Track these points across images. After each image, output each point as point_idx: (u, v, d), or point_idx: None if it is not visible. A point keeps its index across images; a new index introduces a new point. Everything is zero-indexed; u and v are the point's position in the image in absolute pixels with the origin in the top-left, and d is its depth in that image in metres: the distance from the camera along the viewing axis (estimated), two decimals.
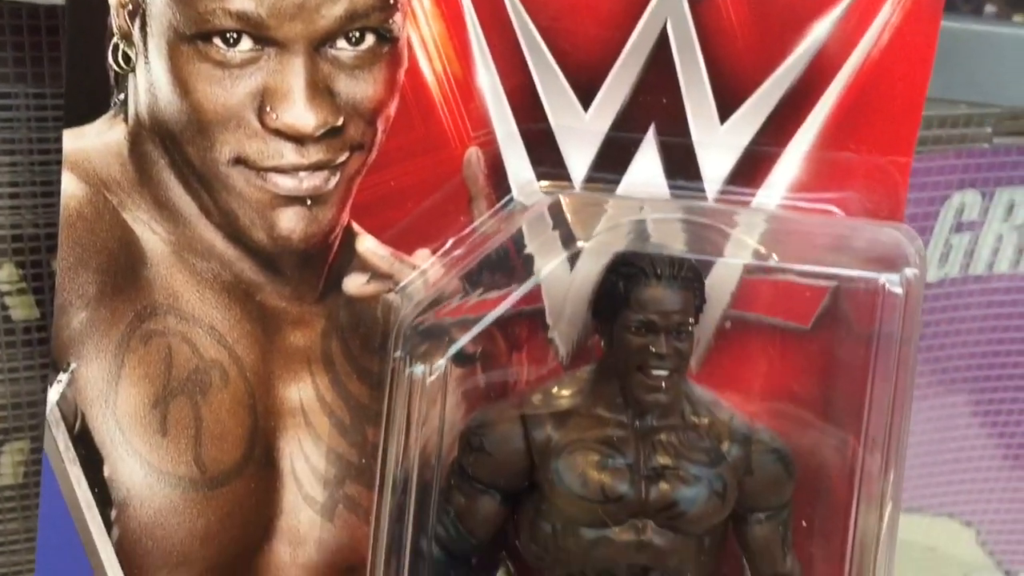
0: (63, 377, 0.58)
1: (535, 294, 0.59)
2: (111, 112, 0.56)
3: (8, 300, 0.79)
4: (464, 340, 0.52)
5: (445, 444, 0.54)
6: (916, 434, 0.89)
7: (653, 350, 0.50)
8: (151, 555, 0.60)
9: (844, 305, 0.59)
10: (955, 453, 0.88)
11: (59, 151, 0.74)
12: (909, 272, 0.51)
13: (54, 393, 0.58)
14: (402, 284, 0.58)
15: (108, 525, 0.59)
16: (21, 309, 0.80)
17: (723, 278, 0.59)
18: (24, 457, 0.84)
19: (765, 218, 0.54)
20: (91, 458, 0.59)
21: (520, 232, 0.56)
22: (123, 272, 0.58)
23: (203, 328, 0.59)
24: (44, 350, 0.81)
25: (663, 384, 0.51)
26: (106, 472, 0.59)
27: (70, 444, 0.59)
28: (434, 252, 0.58)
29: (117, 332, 0.58)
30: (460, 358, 0.57)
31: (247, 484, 0.60)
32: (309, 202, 0.58)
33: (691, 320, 0.51)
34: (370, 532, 0.56)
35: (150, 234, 0.58)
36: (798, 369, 0.60)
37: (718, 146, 0.58)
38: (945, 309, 0.77)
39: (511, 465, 0.53)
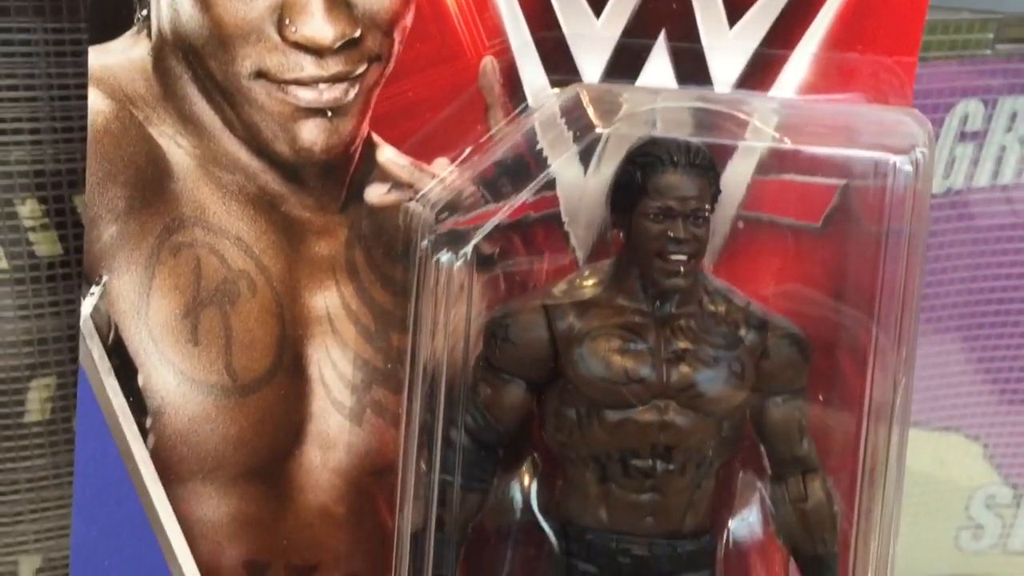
0: (95, 290, 0.60)
1: (552, 199, 0.60)
2: (135, 28, 0.58)
3: (32, 236, 0.80)
4: (489, 226, 0.54)
5: (472, 336, 0.55)
6: (922, 346, 0.91)
7: (671, 235, 0.52)
8: (186, 461, 0.62)
9: (853, 203, 0.61)
10: (961, 367, 0.90)
11: (79, 86, 0.75)
12: (919, 153, 0.53)
13: (87, 306, 0.60)
14: (422, 192, 0.60)
15: (143, 433, 0.61)
16: (45, 245, 0.81)
17: (735, 178, 0.60)
18: (51, 394, 0.85)
19: (779, 105, 0.56)
20: (125, 368, 0.61)
21: (533, 132, 0.58)
22: (151, 186, 0.59)
23: (230, 239, 0.60)
24: (68, 286, 0.82)
25: (681, 268, 0.53)
26: (140, 381, 0.61)
27: (104, 355, 0.60)
28: (452, 160, 0.60)
29: (147, 245, 0.60)
30: (481, 261, 0.59)
31: (277, 391, 0.62)
32: (330, 114, 0.59)
33: (707, 206, 0.53)
34: (401, 426, 0.58)
35: (176, 148, 0.59)
36: (810, 266, 0.62)
37: (727, 50, 0.60)
38: (950, 219, 0.79)
39: (535, 354, 0.54)
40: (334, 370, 0.62)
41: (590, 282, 0.56)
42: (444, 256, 0.54)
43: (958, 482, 0.96)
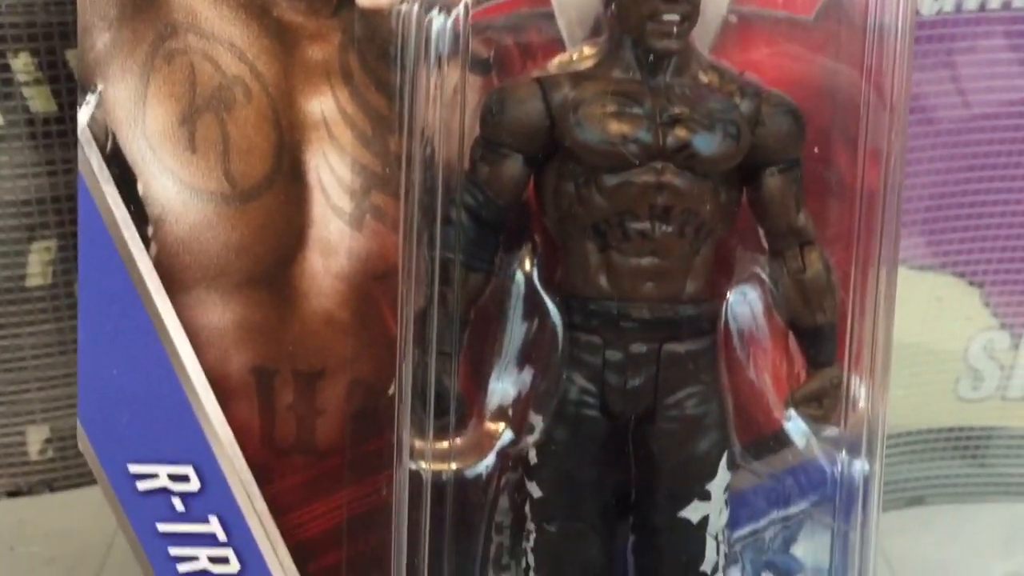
0: (91, 99, 0.60)
1: None
2: None
3: (25, 91, 0.81)
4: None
5: (468, 121, 0.56)
6: (917, 187, 0.91)
7: None
8: (189, 269, 0.62)
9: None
10: (959, 210, 0.90)
11: None
12: None
13: (84, 115, 0.60)
14: None
15: (146, 242, 0.61)
16: (39, 101, 0.81)
17: None
18: (52, 257, 0.86)
19: None
20: (124, 176, 0.61)
21: None
22: None
23: (223, 45, 0.61)
24: (64, 144, 0.83)
25: (675, 30, 0.53)
26: (140, 190, 0.61)
27: (103, 164, 0.61)
28: None
29: (140, 52, 0.60)
30: (475, 65, 0.59)
31: (277, 197, 0.62)
32: None
33: None
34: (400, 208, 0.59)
35: None
36: (802, 56, 0.62)
37: None
38: (942, 38, 0.79)
39: (531, 125, 0.55)
40: (332, 175, 0.63)
41: (584, 57, 0.56)
42: (437, 18, 0.54)
43: (955, 325, 0.96)
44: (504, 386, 0.58)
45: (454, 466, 0.57)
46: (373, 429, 0.64)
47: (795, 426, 0.59)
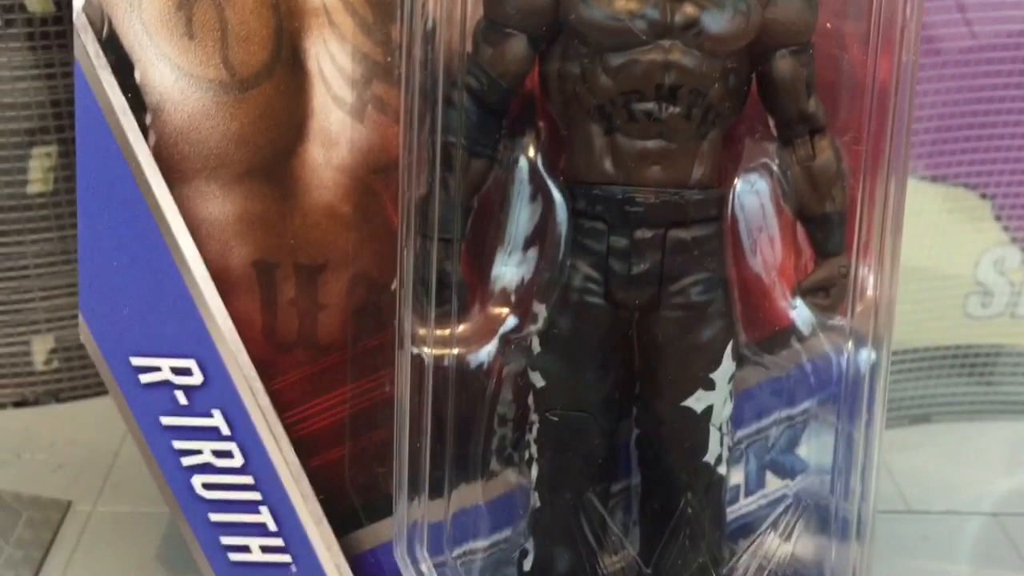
0: None
1: None
2: None
3: None
4: None
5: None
6: (926, 107, 0.90)
7: None
8: (188, 159, 0.61)
9: None
10: (970, 119, 0.89)
11: None
12: None
13: None
14: None
15: (144, 131, 0.60)
16: (36, 1, 0.80)
17: None
18: (53, 163, 0.85)
19: None
20: (121, 63, 0.59)
21: None
22: None
23: None
24: (62, 46, 0.82)
25: None
26: (137, 77, 0.60)
27: (100, 51, 0.59)
28: None
29: None
30: None
31: (276, 86, 0.61)
32: None
33: None
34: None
35: None
36: None
37: None
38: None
39: (536, 3, 0.53)
40: (333, 64, 0.62)
41: None
42: None
43: (966, 240, 0.95)
44: (507, 271, 0.57)
45: (456, 351, 0.56)
46: (375, 324, 0.63)
47: (801, 315, 0.59)
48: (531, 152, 0.58)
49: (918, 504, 0.93)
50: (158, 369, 0.63)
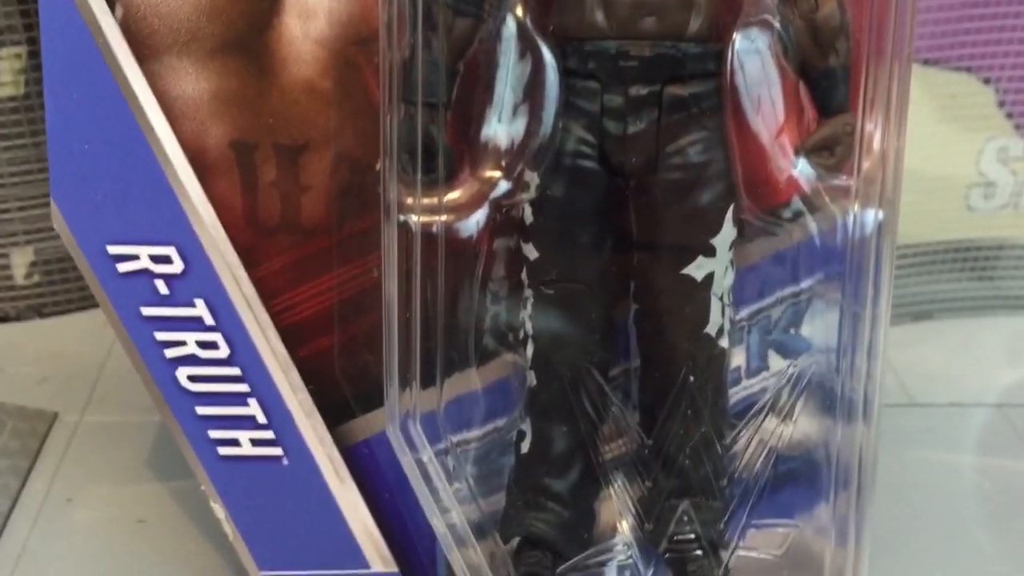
0: None
1: None
2: None
3: None
4: None
5: None
6: None
7: None
8: (158, 33, 0.58)
9: None
10: (972, 9, 0.86)
11: None
12: None
13: None
14: None
15: (110, 3, 0.57)
16: None
17: None
18: (23, 64, 0.82)
19: None
20: None
21: None
22: None
23: None
24: None
25: None
26: None
27: None
28: None
29: None
30: None
31: None
32: None
33: None
34: None
35: None
36: None
37: None
38: None
39: None
40: None
41: None
42: None
43: (969, 126, 0.93)
44: (497, 132, 0.54)
45: (445, 218, 0.54)
46: (361, 206, 0.61)
47: (804, 175, 0.56)
48: (519, 11, 0.55)
49: (922, 398, 0.92)
50: (136, 258, 0.60)
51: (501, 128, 0.55)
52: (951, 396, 0.90)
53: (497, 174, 0.55)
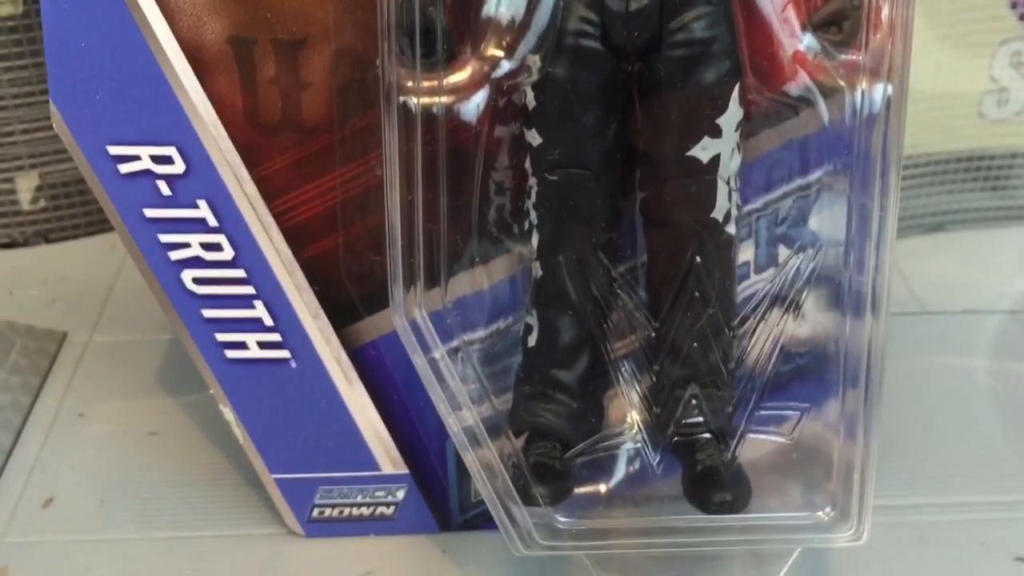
0: None
1: None
2: None
3: None
4: None
5: None
6: None
7: None
8: None
9: None
10: None
11: None
12: None
13: None
14: None
15: None
16: None
17: None
18: None
19: None
20: None
21: None
22: None
23: None
24: None
25: None
26: None
27: None
28: None
29: None
30: None
31: None
32: None
33: None
34: None
35: None
36: None
37: None
38: None
39: None
40: None
41: None
42: None
43: (980, 29, 0.91)
44: (499, 10, 0.53)
45: (444, 100, 0.53)
46: (362, 103, 0.60)
47: (811, 47, 0.55)
48: None
49: (934, 306, 0.91)
50: (137, 158, 0.60)
51: (503, 5, 0.54)
52: (964, 304, 0.89)
53: (499, 53, 0.54)
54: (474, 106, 0.55)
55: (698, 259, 0.53)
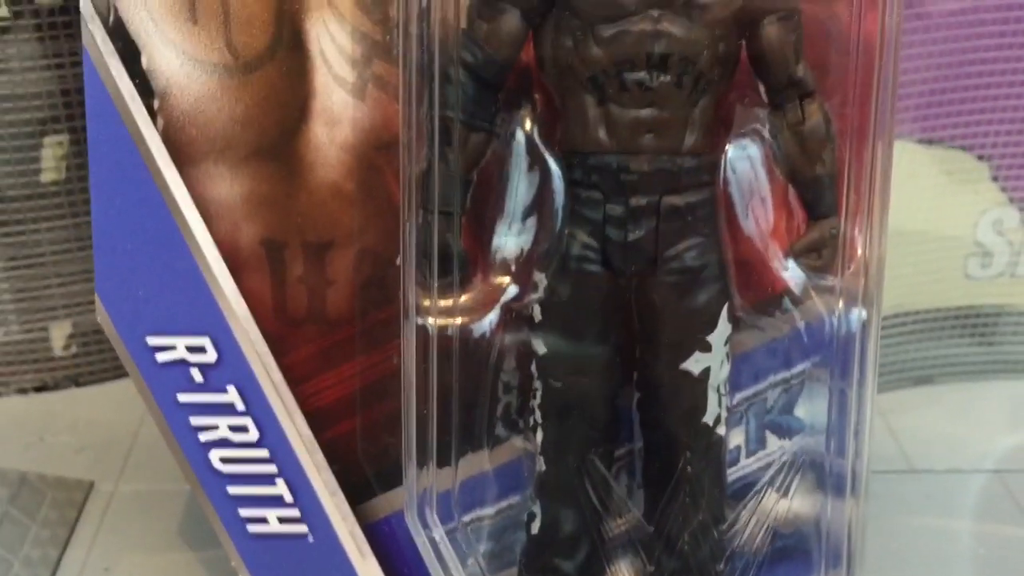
0: None
1: None
2: None
3: None
4: None
5: None
6: (920, 69, 0.91)
7: None
8: (196, 142, 0.63)
9: None
10: (964, 80, 0.90)
11: None
12: None
13: None
14: None
15: (152, 115, 0.62)
16: None
17: None
18: (65, 151, 0.87)
19: None
20: (128, 50, 0.61)
21: None
22: None
23: None
24: (70, 35, 0.83)
25: None
26: (144, 63, 0.62)
27: (106, 38, 0.61)
28: None
29: None
30: None
31: (279, 67, 0.63)
32: None
33: None
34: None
35: None
36: None
37: None
38: None
39: None
40: (333, 44, 0.63)
41: None
42: None
43: (965, 201, 0.96)
44: (508, 242, 0.59)
45: (459, 321, 0.58)
46: (382, 298, 0.65)
47: (794, 276, 0.60)
48: (527, 124, 0.59)
49: (920, 463, 0.94)
50: (173, 348, 0.65)
51: (511, 239, 0.59)
52: (950, 462, 0.93)
53: (507, 280, 0.60)
54: (486, 324, 0.60)
55: (689, 468, 0.58)
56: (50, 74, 0.84)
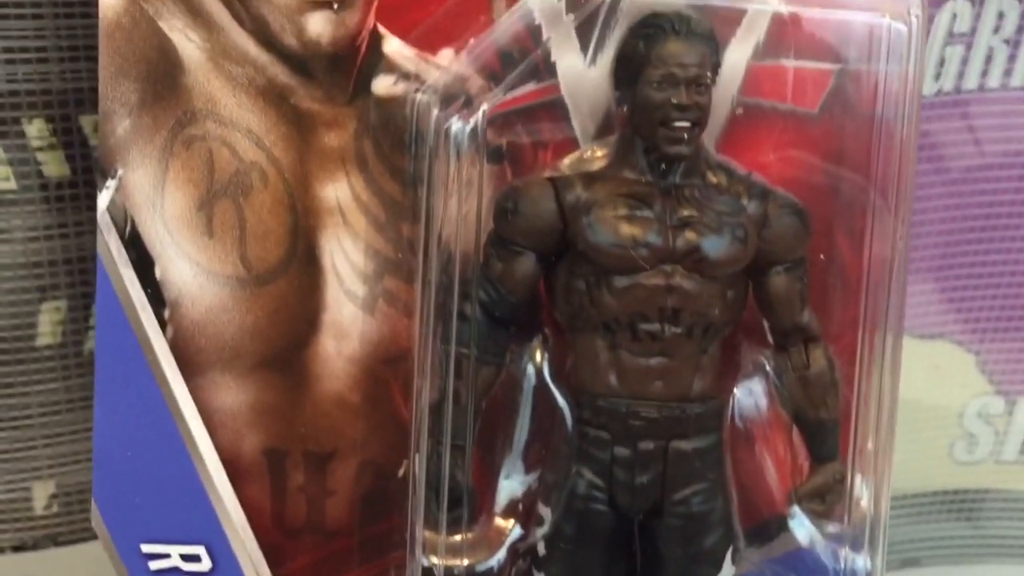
0: (111, 183, 0.61)
1: (555, 87, 0.62)
2: None
3: (39, 156, 0.81)
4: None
5: (484, 215, 0.57)
6: (916, 259, 0.93)
7: (674, 102, 0.54)
8: (204, 351, 0.63)
9: (849, 87, 0.62)
10: (955, 279, 0.92)
11: (84, 3, 0.76)
12: (913, 16, 0.54)
13: (104, 199, 0.61)
14: (428, 84, 0.61)
15: (162, 324, 0.62)
16: (53, 165, 0.82)
17: (733, 64, 0.62)
18: (62, 317, 0.87)
19: None
20: (142, 260, 0.61)
21: (537, 24, 0.60)
22: (162, 79, 0.60)
23: (241, 131, 0.62)
24: (76, 207, 0.84)
25: (685, 136, 0.54)
26: (157, 273, 0.62)
27: (122, 248, 0.61)
28: (457, 52, 0.61)
29: (160, 138, 0.61)
30: (490, 155, 0.60)
31: (291, 281, 0.63)
32: (336, 6, 0.60)
33: (709, 74, 0.54)
34: (416, 310, 0.59)
35: (186, 42, 0.60)
36: (808, 150, 0.63)
37: None
38: (942, 119, 0.80)
39: (543, 224, 0.56)
40: (346, 260, 0.64)
41: (596, 156, 0.58)
42: (456, 124, 0.55)
43: (952, 391, 0.98)
44: (514, 481, 0.59)
45: (466, 562, 0.58)
46: (382, 510, 0.65)
47: (799, 523, 0.60)
48: (538, 358, 0.60)
49: None
50: (167, 556, 0.64)
51: (518, 475, 0.59)
52: None
53: (512, 522, 0.60)
54: (493, 563, 0.59)
55: None
56: (54, 243, 0.85)
